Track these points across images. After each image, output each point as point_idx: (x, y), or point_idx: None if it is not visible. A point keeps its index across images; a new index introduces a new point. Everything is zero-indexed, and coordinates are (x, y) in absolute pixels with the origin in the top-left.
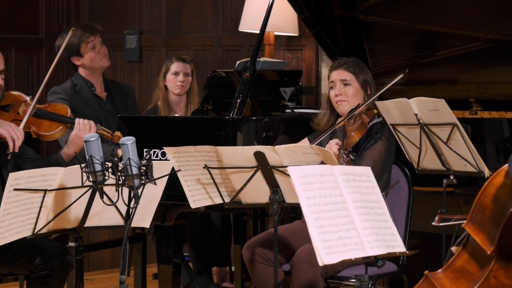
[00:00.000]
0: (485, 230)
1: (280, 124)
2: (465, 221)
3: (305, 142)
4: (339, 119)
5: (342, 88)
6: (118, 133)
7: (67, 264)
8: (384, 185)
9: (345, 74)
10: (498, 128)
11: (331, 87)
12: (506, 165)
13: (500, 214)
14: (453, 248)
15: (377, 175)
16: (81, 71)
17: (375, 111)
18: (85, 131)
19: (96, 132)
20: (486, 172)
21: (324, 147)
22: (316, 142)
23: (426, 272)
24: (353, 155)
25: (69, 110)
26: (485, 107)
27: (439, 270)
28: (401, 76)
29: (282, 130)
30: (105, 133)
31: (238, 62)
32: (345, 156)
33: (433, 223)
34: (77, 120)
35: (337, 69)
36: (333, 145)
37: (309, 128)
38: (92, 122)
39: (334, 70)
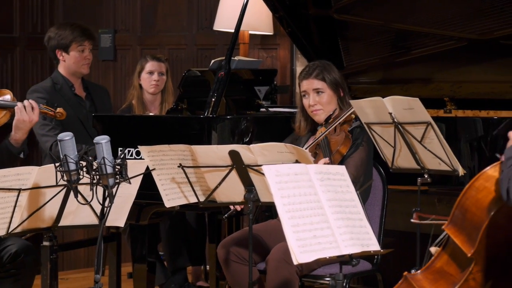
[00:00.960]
0: (465, 233)
1: (255, 123)
2: (441, 222)
3: None
4: (319, 131)
5: (315, 97)
6: (60, 110)
7: (34, 262)
8: (365, 192)
9: (316, 83)
10: (472, 127)
11: (303, 95)
12: (488, 168)
13: (481, 217)
14: (432, 249)
15: (359, 181)
16: (61, 68)
17: (353, 115)
18: (27, 113)
19: (40, 112)
20: (460, 171)
21: None
22: None
23: (405, 273)
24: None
25: (10, 95)
26: (459, 106)
27: (418, 271)
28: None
29: (256, 129)
30: (48, 112)
31: (212, 61)
32: None
33: (412, 220)
34: (18, 104)
35: (307, 78)
36: None
37: (284, 127)
38: (33, 102)
39: (304, 79)
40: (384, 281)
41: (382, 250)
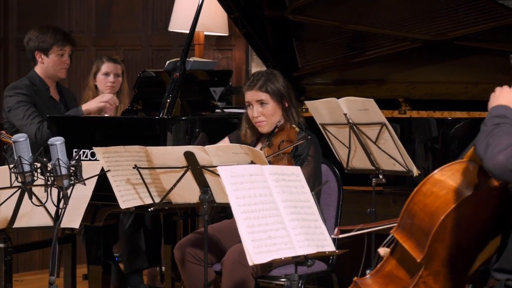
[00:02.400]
0: (414, 238)
1: (210, 124)
2: (365, 231)
3: (225, 141)
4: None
5: (259, 108)
6: (2, 132)
7: None
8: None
9: (259, 94)
10: (427, 128)
11: (248, 106)
12: (435, 171)
13: (430, 222)
14: (380, 250)
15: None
16: (38, 69)
17: (296, 128)
18: None
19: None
20: (415, 171)
21: None
22: None
23: (355, 278)
24: None
25: None
26: (414, 106)
27: (368, 276)
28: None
29: (212, 130)
30: (9, 140)
31: (168, 62)
32: None
33: (332, 236)
34: None
35: (251, 89)
36: None
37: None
38: None
39: (248, 90)
40: (339, 281)
41: (337, 251)
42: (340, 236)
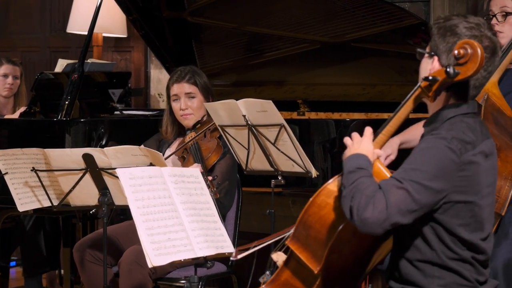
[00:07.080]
0: (310, 249)
1: (109, 126)
2: (264, 245)
3: None
4: (188, 135)
5: (187, 102)
6: None
7: None
8: (230, 198)
9: (188, 87)
10: (325, 129)
11: (174, 100)
12: (327, 182)
13: (326, 234)
14: (273, 255)
15: (227, 188)
16: None
17: None
18: None
19: None
20: (313, 172)
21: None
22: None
23: None
24: (218, 184)
25: None
26: (312, 108)
27: (263, 286)
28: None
29: (111, 131)
30: None
31: (66, 64)
32: (211, 187)
33: (231, 258)
34: None
35: (179, 82)
36: None
37: (138, 130)
38: None
39: (175, 83)
40: (239, 283)
41: None
42: (239, 256)
